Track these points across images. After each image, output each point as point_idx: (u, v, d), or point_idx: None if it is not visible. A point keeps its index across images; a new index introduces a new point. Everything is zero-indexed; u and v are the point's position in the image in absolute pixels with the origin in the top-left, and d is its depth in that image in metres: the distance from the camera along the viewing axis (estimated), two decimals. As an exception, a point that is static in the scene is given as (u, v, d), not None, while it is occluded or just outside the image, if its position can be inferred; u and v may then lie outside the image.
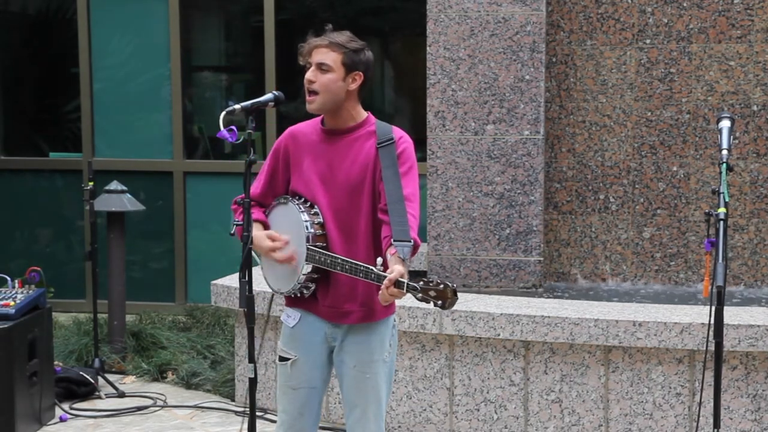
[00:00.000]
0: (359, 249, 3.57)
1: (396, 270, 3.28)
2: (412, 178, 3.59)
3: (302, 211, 3.56)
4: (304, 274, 3.55)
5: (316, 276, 3.59)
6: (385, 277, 3.28)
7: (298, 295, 3.64)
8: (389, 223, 3.47)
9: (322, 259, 3.50)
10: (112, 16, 8.38)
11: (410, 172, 3.59)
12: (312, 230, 3.54)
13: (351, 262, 3.42)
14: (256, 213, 3.67)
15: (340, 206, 3.58)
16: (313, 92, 3.55)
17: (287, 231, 3.59)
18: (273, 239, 3.60)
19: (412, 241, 3.42)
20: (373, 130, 3.63)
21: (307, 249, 3.53)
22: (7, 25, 8.84)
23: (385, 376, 3.68)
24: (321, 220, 3.57)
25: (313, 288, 3.62)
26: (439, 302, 3.22)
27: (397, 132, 3.64)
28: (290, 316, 3.70)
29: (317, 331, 3.67)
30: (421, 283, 3.24)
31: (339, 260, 3.45)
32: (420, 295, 3.24)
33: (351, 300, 3.60)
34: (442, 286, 3.21)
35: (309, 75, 3.56)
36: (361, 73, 3.58)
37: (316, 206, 3.59)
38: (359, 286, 3.55)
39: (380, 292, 3.29)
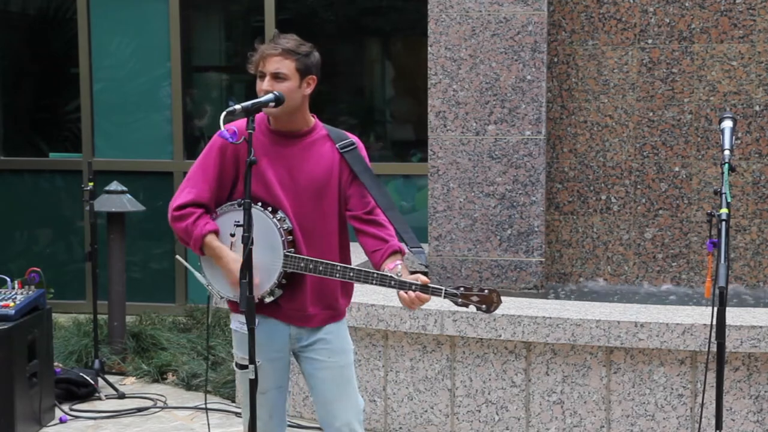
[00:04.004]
0: (324, 252, 3.54)
1: (422, 277, 3.32)
2: None
3: (269, 217, 3.51)
4: (276, 281, 3.52)
5: (284, 282, 3.55)
6: (408, 283, 3.30)
7: (256, 300, 3.52)
8: (373, 233, 3.49)
9: (310, 266, 3.46)
10: (112, 16, 8.37)
11: None
12: (284, 236, 3.50)
13: (356, 269, 3.40)
14: (211, 223, 3.56)
15: (303, 210, 3.55)
16: None
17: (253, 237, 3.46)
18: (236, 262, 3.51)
19: (422, 246, 3.44)
20: (326, 134, 3.63)
21: (285, 256, 3.49)
22: (7, 25, 8.83)
23: (353, 366, 3.72)
24: (289, 225, 3.53)
25: (280, 293, 3.58)
26: (484, 306, 3.28)
27: (352, 135, 3.66)
28: (244, 324, 3.48)
29: (279, 334, 3.65)
30: (461, 289, 3.28)
31: (338, 267, 3.42)
32: (460, 300, 3.28)
33: (316, 303, 3.60)
34: (486, 291, 3.27)
35: (265, 86, 3.51)
36: (314, 76, 3.58)
37: (280, 211, 3.54)
38: (326, 289, 3.56)
39: (408, 299, 3.31)
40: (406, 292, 3.31)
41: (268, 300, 3.58)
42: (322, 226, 3.57)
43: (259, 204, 3.54)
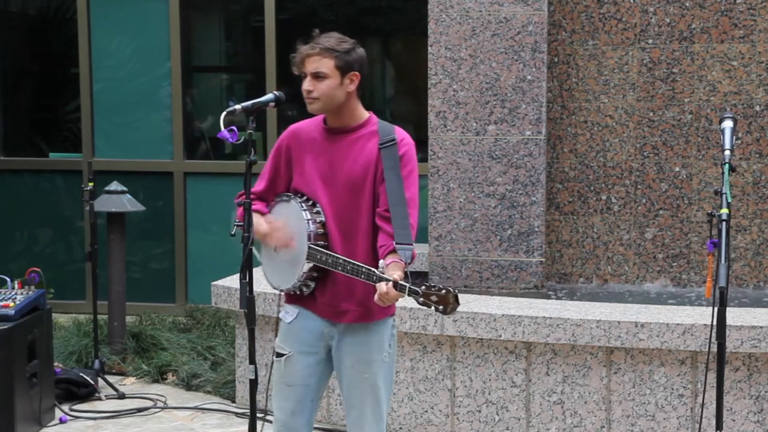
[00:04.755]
0: (358, 248, 3.57)
1: (396, 274, 3.30)
2: (412, 182, 3.59)
3: (304, 209, 3.57)
4: (304, 272, 3.56)
5: (315, 274, 3.59)
6: (384, 278, 3.29)
7: (298, 292, 3.65)
8: (386, 229, 3.48)
9: (323, 258, 3.50)
10: (112, 16, 8.36)
11: (410, 176, 3.59)
12: (313, 228, 3.55)
13: (352, 263, 3.42)
14: (258, 205, 3.69)
15: (341, 205, 3.59)
16: (314, 99, 3.56)
17: (290, 230, 3.60)
18: (271, 224, 3.62)
19: (413, 244, 3.42)
20: (375, 129, 3.63)
21: (308, 248, 3.53)
22: (7, 25, 8.83)
23: (384, 377, 3.67)
24: (323, 218, 3.58)
25: (313, 286, 3.62)
26: (441, 307, 3.22)
27: (400, 133, 3.64)
28: (288, 312, 3.71)
29: (314, 328, 3.67)
30: (423, 287, 3.24)
31: (340, 260, 3.45)
32: (421, 299, 3.24)
33: (348, 299, 3.61)
34: (444, 291, 3.21)
35: (306, 85, 3.55)
36: (357, 72, 3.59)
37: (318, 204, 3.60)
38: (357, 285, 3.54)
39: (378, 294, 3.29)
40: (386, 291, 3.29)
41: (306, 291, 3.63)
42: (356, 222, 3.59)
43: (303, 197, 3.62)
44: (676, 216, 6.50)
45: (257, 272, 3.65)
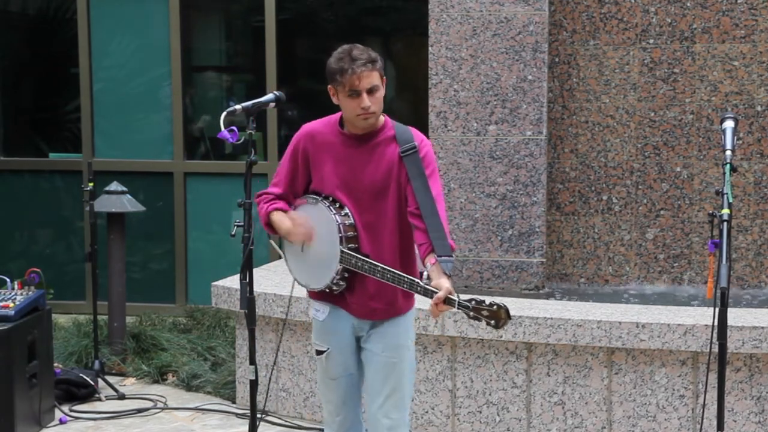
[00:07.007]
0: (385, 249, 3.63)
1: (444, 287, 3.37)
2: (435, 180, 3.63)
3: (333, 212, 3.60)
4: (337, 273, 3.61)
5: (347, 274, 3.64)
6: (433, 291, 3.37)
7: (327, 291, 3.70)
8: (425, 233, 3.52)
9: (359, 264, 3.55)
10: (112, 16, 8.36)
11: (433, 175, 3.64)
12: (343, 231, 3.59)
13: (392, 272, 3.48)
14: (280, 203, 3.71)
15: (364, 209, 3.63)
16: (372, 113, 3.57)
17: (318, 231, 3.63)
18: (293, 220, 3.63)
19: (453, 255, 3.50)
20: (393, 134, 3.66)
21: (341, 252, 3.57)
22: (7, 25, 8.82)
23: (409, 364, 3.76)
24: (352, 221, 3.62)
25: (344, 285, 3.67)
26: (492, 322, 3.34)
27: (417, 135, 3.68)
28: (319, 310, 3.78)
29: (345, 322, 3.75)
30: (473, 302, 3.34)
31: (379, 268, 3.50)
32: (472, 313, 3.35)
33: (377, 299, 3.68)
34: (495, 307, 3.33)
35: (366, 102, 3.53)
36: (384, 76, 3.64)
37: (346, 207, 3.62)
38: (386, 286, 3.60)
39: (431, 307, 3.38)
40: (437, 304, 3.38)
41: (336, 290, 3.68)
42: (380, 225, 3.64)
43: (329, 198, 3.64)
44: (677, 216, 6.49)
45: (257, 273, 3.66)
